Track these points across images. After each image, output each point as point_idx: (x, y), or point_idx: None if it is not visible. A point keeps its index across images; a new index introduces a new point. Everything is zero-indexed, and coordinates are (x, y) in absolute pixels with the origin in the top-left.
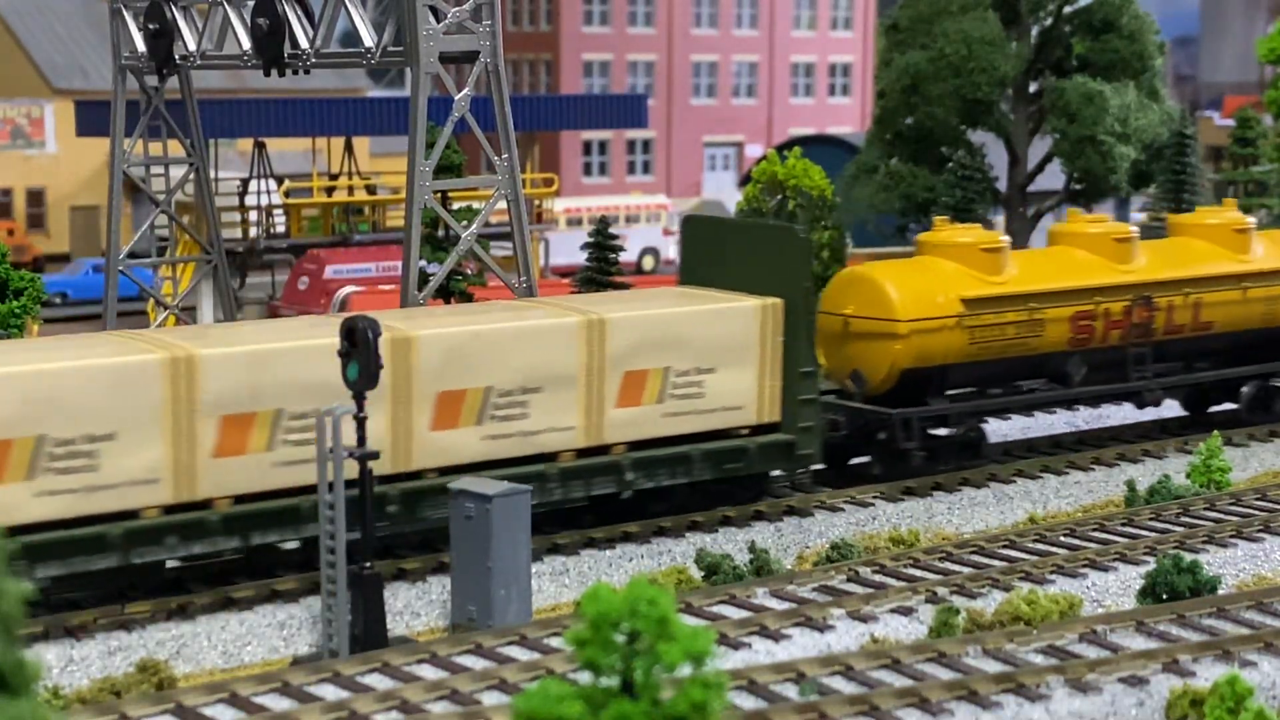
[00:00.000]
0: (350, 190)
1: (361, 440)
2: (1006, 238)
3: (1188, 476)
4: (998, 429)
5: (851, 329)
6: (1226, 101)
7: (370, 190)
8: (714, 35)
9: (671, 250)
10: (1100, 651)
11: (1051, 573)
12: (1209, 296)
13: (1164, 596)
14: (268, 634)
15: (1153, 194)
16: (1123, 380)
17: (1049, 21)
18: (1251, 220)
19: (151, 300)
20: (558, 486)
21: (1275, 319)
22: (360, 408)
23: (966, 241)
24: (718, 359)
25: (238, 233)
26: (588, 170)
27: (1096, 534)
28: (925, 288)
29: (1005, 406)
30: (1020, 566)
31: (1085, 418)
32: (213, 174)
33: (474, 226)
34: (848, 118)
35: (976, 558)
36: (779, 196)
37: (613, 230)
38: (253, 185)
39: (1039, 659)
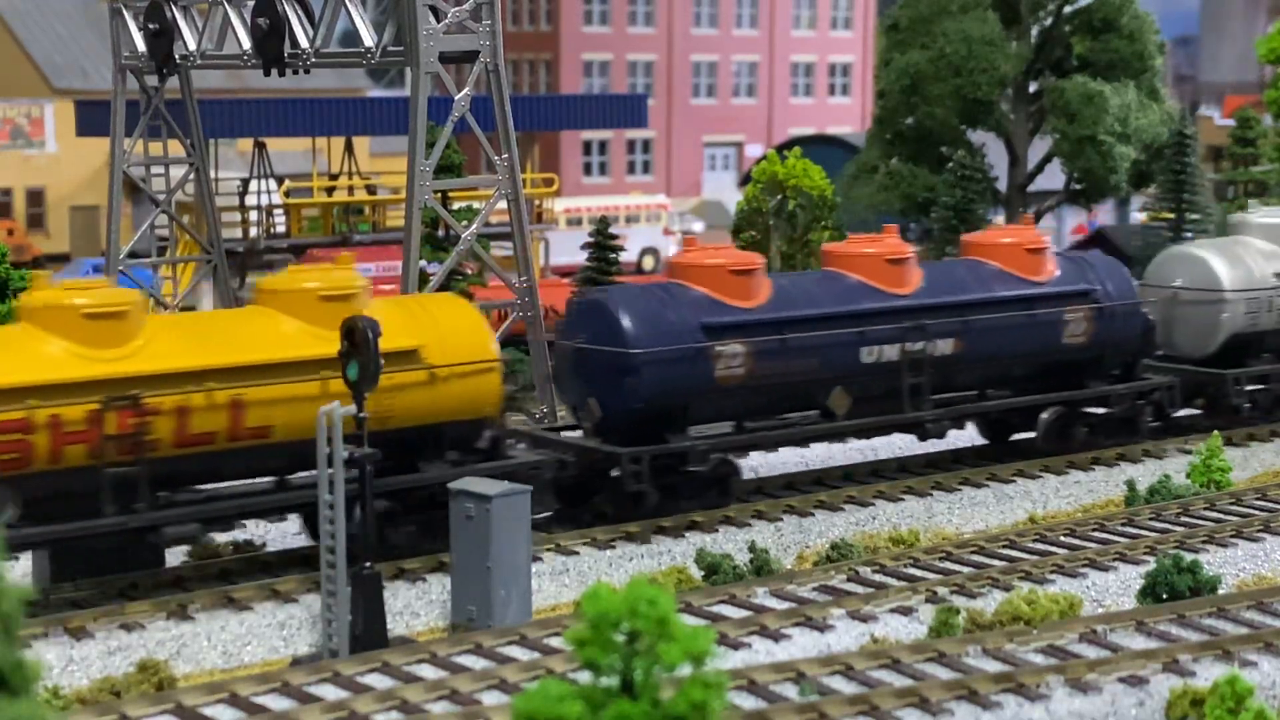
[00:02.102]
0: (350, 190)
1: (362, 440)
2: None
3: (1188, 476)
4: None
5: None
6: (1227, 101)
7: (370, 190)
8: (714, 35)
9: (672, 250)
10: (1100, 651)
11: (1051, 573)
12: (256, 393)
13: (1164, 596)
14: (268, 634)
15: (1153, 194)
16: (125, 511)
17: (1049, 21)
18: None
19: (151, 300)
20: None
21: (398, 416)
22: (360, 408)
23: None
24: None
25: (238, 233)
26: (588, 170)
27: (1096, 534)
28: None
29: None
30: (1020, 566)
31: None
32: (213, 174)
33: (474, 226)
34: (848, 118)
35: (976, 557)
36: (779, 196)
37: (613, 230)
38: (253, 185)
39: (1039, 659)
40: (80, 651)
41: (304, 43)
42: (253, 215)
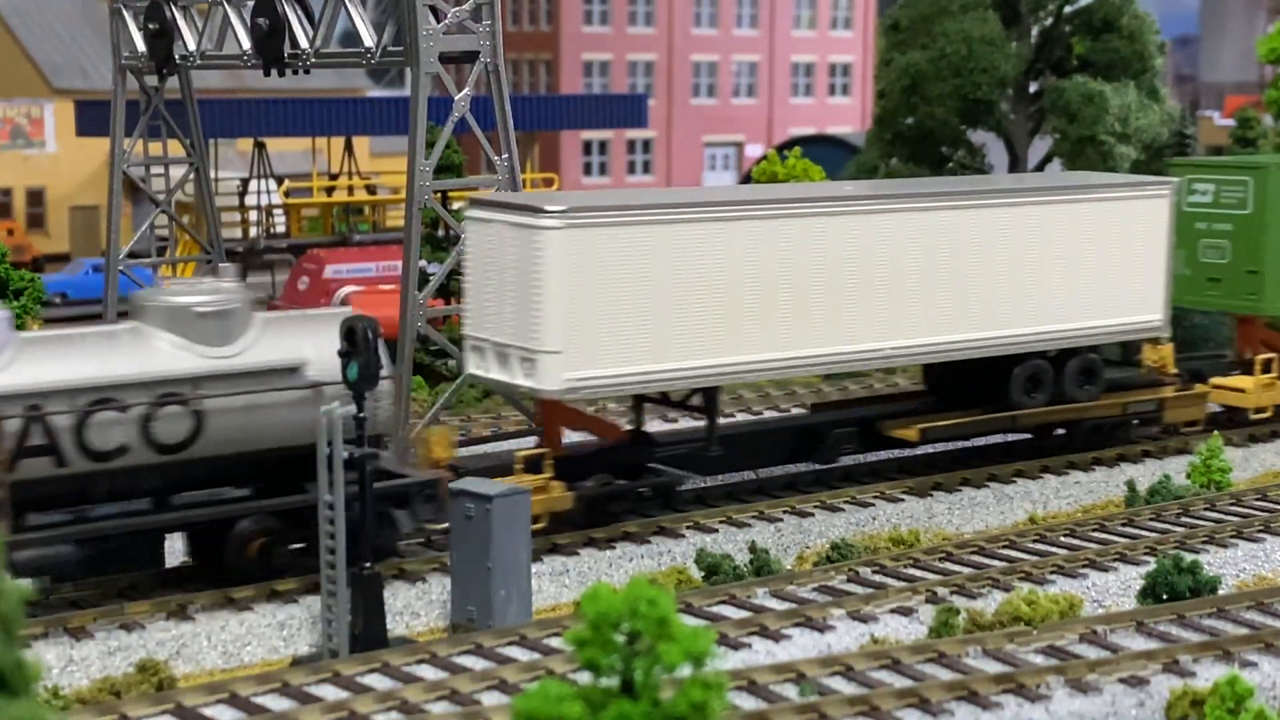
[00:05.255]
0: (350, 190)
1: (361, 440)
2: None
3: (1188, 476)
4: None
5: None
6: (1227, 101)
7: (370, 190)
8: (714, 35)
9: None
10: (1100, 652)
11: (1051, 573)
12: None
13: (1164, 597)
14: (268, 634)
15: None
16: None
17: (1049, 21)
18: None
19: None
20: None
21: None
22: (360, 408)
23: None
24: None
25: (238, 233)
26: (588, 170)
27: (1096, 534)
28: None
29: None
30: (1020, 566)
31: None
32: (213, 174)
33: None
34: (848, 118)
35: (976, 558)
36: None
37: None
38: (253, 185)
39: (1039, 659)
40: (80, 651)
41: (304, 43)
42: (252, 215)
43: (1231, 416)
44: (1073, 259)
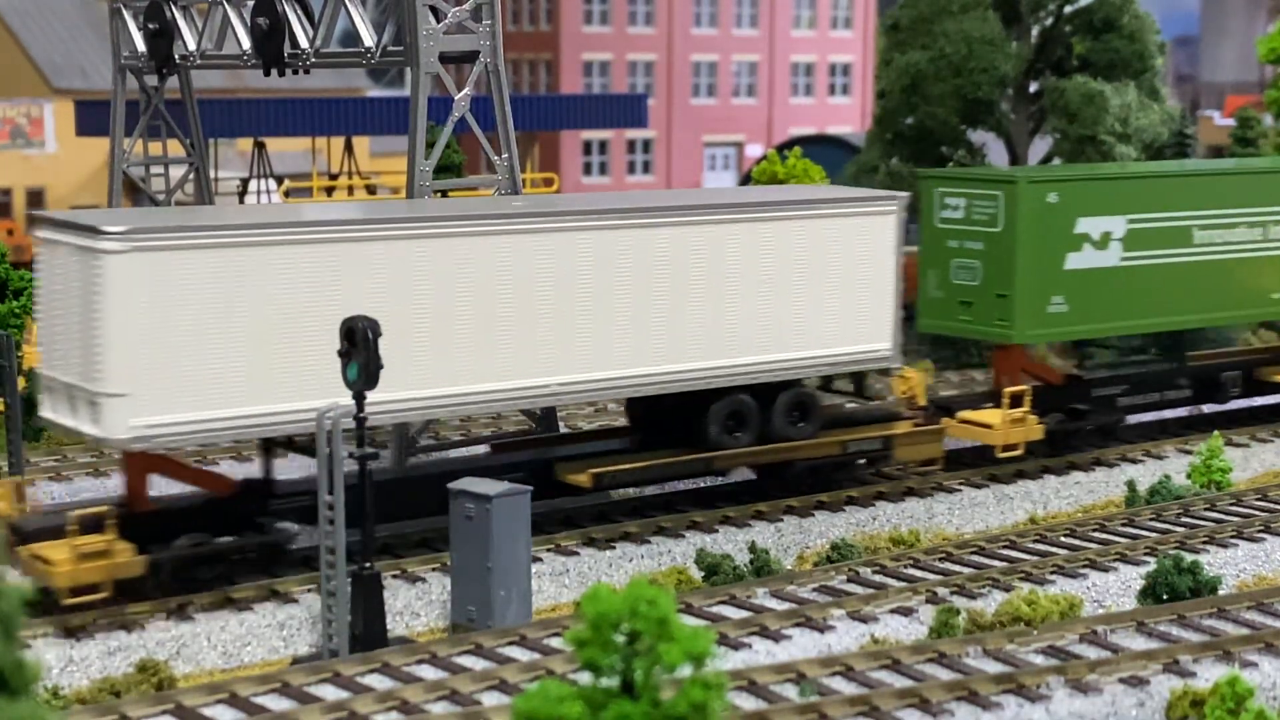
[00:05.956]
0: (350, 190)
1: (361, 440)
2: None
3: (1188, 476)
4: None
5: None
6: (1227, 101)
7: (370, 190)
8: (714, 35)
9: None
10: (1100, 652)
11: (1052, 573)
12: None
13: (1164, 597)
14: (268, 634)
15: None
16: None
17: (1049, 21)
18: None
19: None
20: None
21: None
22: (360, 408)
23: None
24: None
25: None
26: (588, 170)
27: (1097, 534)
28: None
29: None
30: (1020, 567)
31: None
32: (213, 174)
33: None
34: (848, 118)
35: (977, 558)
36: None
37: None
38: (253, 185)
39: (1039, 659)
40: (80, 651)
41: (304, 43)
42: None
43: (983, 453)
44: (779, 283)
